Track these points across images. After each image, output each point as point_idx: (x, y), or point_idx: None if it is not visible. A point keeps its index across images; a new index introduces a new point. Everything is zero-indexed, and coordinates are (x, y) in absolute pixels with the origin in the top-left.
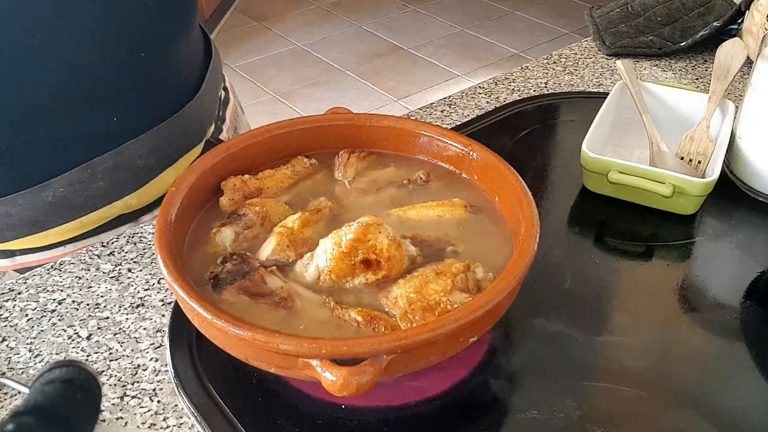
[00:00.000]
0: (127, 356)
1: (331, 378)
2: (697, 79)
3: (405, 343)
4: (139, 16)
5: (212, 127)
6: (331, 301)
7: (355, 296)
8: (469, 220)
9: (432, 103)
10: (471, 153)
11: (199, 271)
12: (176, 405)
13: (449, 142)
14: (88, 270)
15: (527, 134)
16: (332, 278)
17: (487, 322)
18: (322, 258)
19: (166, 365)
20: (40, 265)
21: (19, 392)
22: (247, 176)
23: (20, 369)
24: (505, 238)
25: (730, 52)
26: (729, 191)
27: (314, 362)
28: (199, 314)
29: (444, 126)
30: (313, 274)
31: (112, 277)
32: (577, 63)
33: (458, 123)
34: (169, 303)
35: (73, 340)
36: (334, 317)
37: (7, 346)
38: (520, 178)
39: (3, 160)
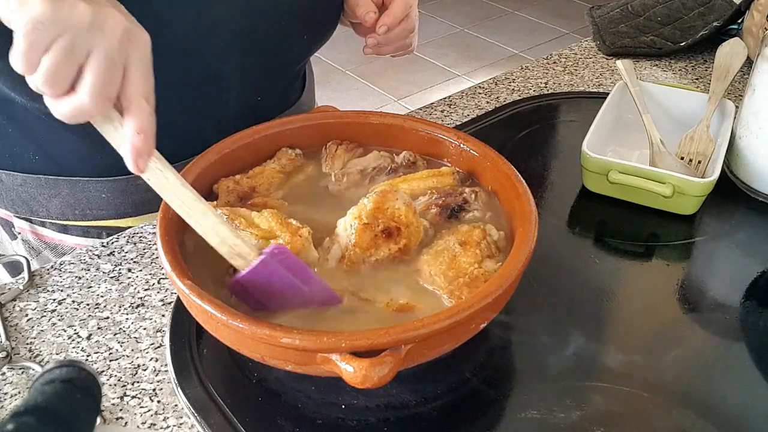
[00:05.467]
0: (127, 356)
1: (352, 370)
2: (697, 79)
3: (423, 333)
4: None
5: None
6: (356, 295)
7: (386, 281)
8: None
9: (432, 103)
10: (461, 145)
11: (200, 273)
12: (176, 405)
13: (439, 135)
14: (88, 270)
15: (527, 134)
16: (357, 252)
17: (497, 307)
18: (343, 236)
19: (166, 365)
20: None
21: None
22: (239, 176)
23: (20, 369)
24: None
25: (730, 52)
26: (729, 191)
27: (334, 356)
28: (213, 317)
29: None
30: (336, 254)
31: (112, 277)
32: (577, 63)
33: (458, 123)
34: (169, 303)
35: (73, 340)
36: (357, 308)
37: (8, 345)
38: (511, 165)
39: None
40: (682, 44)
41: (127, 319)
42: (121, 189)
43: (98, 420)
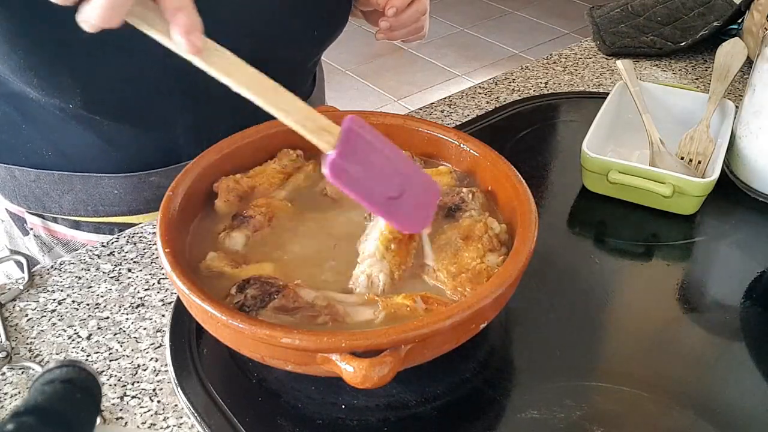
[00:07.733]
0: (127, 356)
1: (352, 370)
2: (697, 79)
3: (423, 333)
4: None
5: None
6: (374, 296)
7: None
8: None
9: (432, 103)
10: (461, 145)
11: (202, 275)
12: (176, 405)
13: (439, 135)
14: (88, 270)
15: (527, 134)
16: (396, 273)
17: (497, 307)
18: (375, 270)
19: (166, 365)
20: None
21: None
22: (239, 175)
23: (20, 369)
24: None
25: (730, 52)
26: (729, 191)
27: (334, 356)
28: (213, 317)
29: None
30: (385, 281)
31: (112, 277)
32: (577, 63)
33: (458, 123)
34: (169, 303)
35: (73, 340)
36: (384, 312)
37: (8, 345)
38: (511, 165)
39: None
40: (682, 44)
41: (127, 319)
42: (133, 186)
43: (98, 420)
